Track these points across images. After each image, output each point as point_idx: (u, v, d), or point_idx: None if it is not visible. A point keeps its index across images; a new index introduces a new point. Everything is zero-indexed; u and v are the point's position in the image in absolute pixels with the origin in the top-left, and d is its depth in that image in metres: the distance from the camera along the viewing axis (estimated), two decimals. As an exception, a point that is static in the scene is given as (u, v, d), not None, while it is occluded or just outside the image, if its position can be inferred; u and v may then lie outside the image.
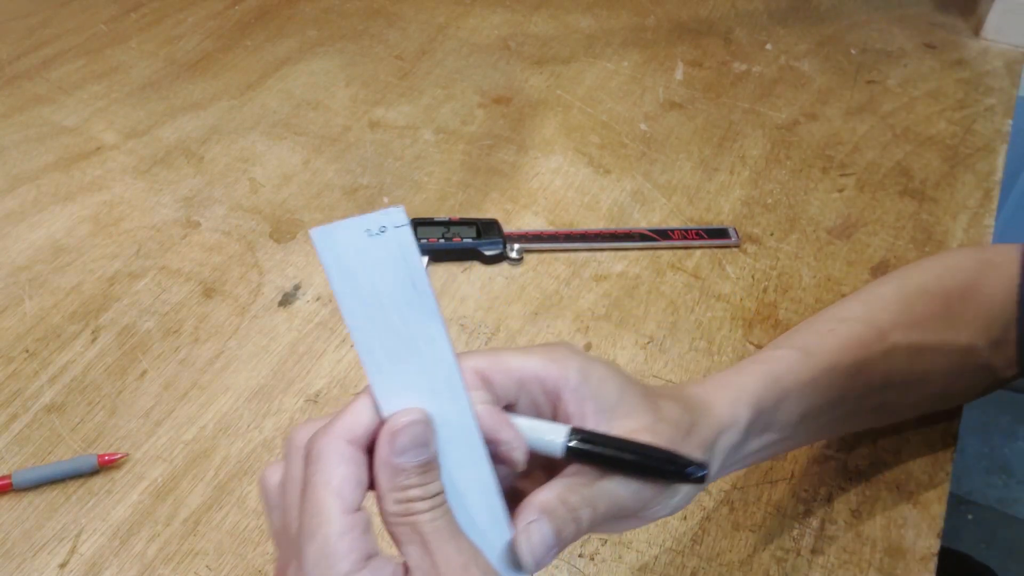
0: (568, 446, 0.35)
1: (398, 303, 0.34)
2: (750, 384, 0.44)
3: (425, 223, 0.69)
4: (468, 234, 0.68)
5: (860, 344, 0.49)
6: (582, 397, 0.38)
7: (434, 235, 0.68)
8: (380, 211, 0.33)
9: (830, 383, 0.47)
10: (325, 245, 0.33)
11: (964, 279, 0.53)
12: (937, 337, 0.51)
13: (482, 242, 0.67)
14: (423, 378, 0.34)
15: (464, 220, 0.69)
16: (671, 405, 0.39)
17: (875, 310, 0.51)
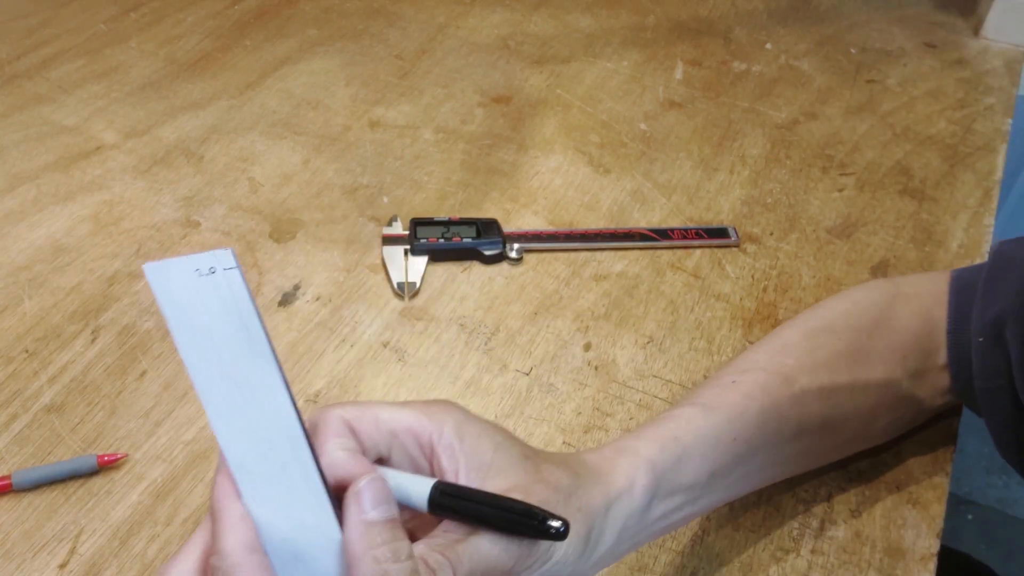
0: (431, 500, 0.35)
1: (232, 348, 0.33)
2: (646, 447, 0.42)
3: (425, 223, 0.69)
4: (468, 234, 0.68)
5: (765, 392, 0.47)
6: (456, 454, 0.37)
7: (434, 235, 0.68)
8: (210, 252, 0.33)
9: (735, 436, 0.45)
10: (159, 282, 0.32)
11: (874, 314, 0.52)
12: (849, 376, 0.49)
13: (482, 242, 0.67)
14: (260, 425, 0.33)
15: (464, 220, 0.69)
16: (553, 469, 0.38)
17: (779, 356, 0.49)
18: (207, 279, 0.33)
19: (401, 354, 0.61)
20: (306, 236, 0.70)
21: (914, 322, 0.52)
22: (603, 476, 0.40)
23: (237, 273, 0.33)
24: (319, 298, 0.65)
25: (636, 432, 0.44)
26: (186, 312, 0.33)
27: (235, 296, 0.33)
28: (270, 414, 0.34)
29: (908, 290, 0.53)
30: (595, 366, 0.60)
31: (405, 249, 0.67)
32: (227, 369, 0.33)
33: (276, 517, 0.34)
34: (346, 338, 0.62)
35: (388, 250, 0.67)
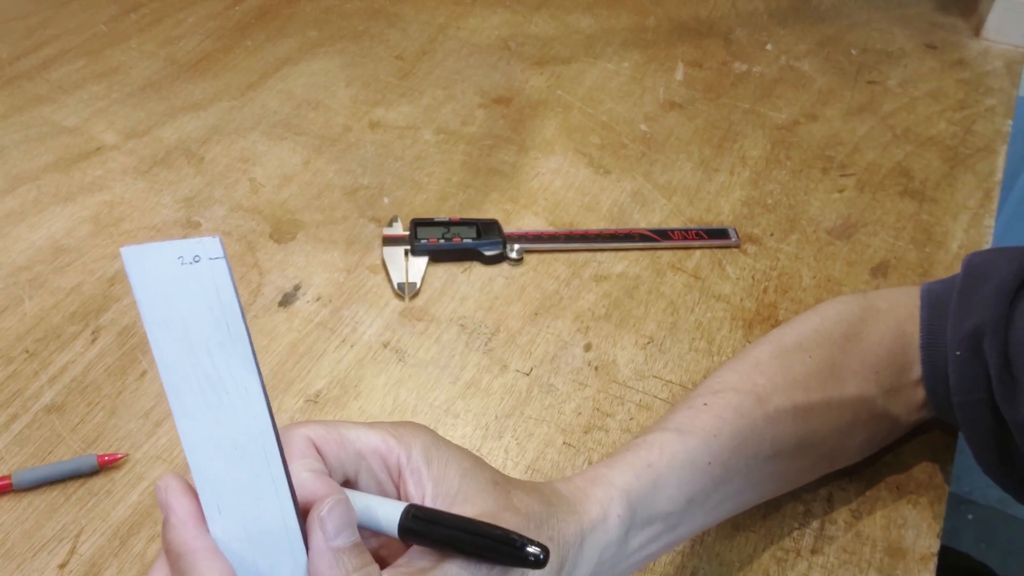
0: (401, 525, 0.33)
1: (210, 343, 0.31)
2: (619, 476, 0.41)
3: (425, 223, 0.69)
4: (468, 234, 0.68)
5: (738, 414, 0.46)
6: (423, 478, 0.36)
7: (434, 235, 0.68)
8: (196, 239, 0.30)
9: (711, 460, 0.44)
10: (136, 268, 0.30)
11: (845, 330, 0.51)
12: (822, 395, 0.48)
13: (482, 242, 0.67)
14: (232, 429, 0.31)
15: (464, 220, 0.69)
16: (524, 496, 0.37)
17: (751, 376, 0.48)
18: (190, 268, 0.30)
19: (401, 354, 0.61)
20: (306, 237, 0.70)
21: (887, 337, 0.51)
22: (577, 506, 0.39)
23: (223, 264, 0.30)
24: (319, 298, 0.65)
25: (608, 460, 0.43)
26: (162, 302, 0.30)
27: (218, 289, 0.30)
28: (244, 419, 0.31)
29: (880, 304, 0.53)
30: (595, 366, 0.60)
31: (405, 250, 0.67)
32: (202, 367, 0.31)
33: (239, 532, 0.32)
34: (346, 338, 0.62)
35: (388, 251, 0.67)
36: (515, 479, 0.39)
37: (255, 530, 0.32)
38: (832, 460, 0.52)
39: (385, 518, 0.34)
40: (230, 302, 0.30)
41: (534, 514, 0.37)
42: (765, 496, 0.50)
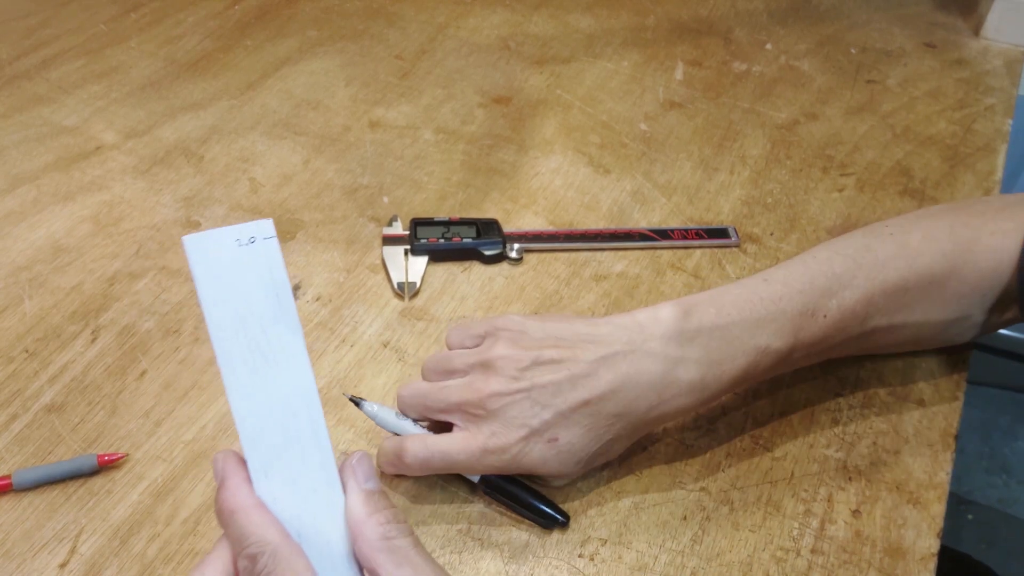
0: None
1: (263, 315, 0.35)
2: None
3: (425, 223, 0.69)
4: (468, 234, 0.68)
5: (840, 328, 0.52)
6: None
7: (434, 235, 0.68)
8: (251, 222, 0.35)
9: (794, 363, 0.53)
10: (196, 253, 0.34)
11: (962, 255, 0.54)
12: (920, 317, 0.54)
13: (482, 242, 0.67)
14: (281, 393, 0.35)
15: (464, 220, 0.69)
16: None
17: (872, 293, 0.53)
18: (246, 248, 0.35)
19: (401, 354, 0.61)
20: (306, 236, 0.70)
21: (999, 266, 0.54)
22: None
23: (275, 242, 0.35)
24: (319, 298, 0.65)
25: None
26: (220, 282, 0.34)
27: (271, 265, 0.35)
28: (291, 383, 0.35)
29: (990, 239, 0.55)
30: (595, 366, 0.60)
31: (405, 249, 0.67)
32: (254, 339, 0.35)
33: (285, 492, 0.36)
34: (346, 338, 0.62)
35: (388, 250, 0.67)
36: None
37: (299, 485, 0.36)
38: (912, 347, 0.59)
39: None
40: (281, 276, 0.35)
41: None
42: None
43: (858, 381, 0.59)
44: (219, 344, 0.35)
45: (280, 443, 0.36)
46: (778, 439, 0.56)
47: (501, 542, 0.50)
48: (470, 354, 0.51)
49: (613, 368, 0.48)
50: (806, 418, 0.57)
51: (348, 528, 0.36)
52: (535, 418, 0.48)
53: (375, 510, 0.36)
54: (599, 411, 0.48)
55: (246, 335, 0.35)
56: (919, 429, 0.56)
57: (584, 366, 0.48)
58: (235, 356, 0.35)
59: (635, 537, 0.51)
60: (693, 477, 0.54)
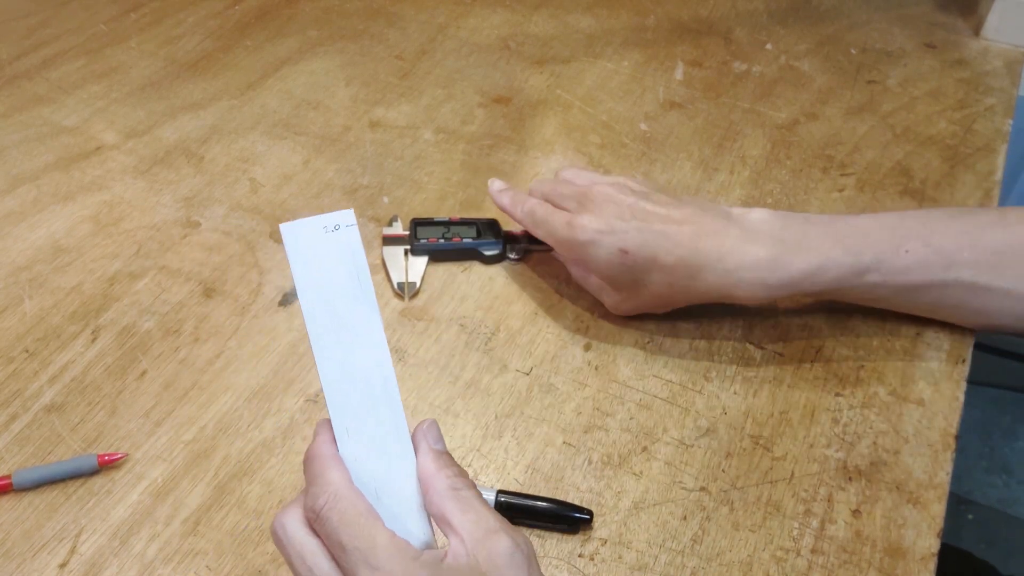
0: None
1: (345, 293, 0.40)
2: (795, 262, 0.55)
3: (425, 223, 0.69)
4: (468, 234, 0.68)
5: (922, 268, 0.55)
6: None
7: (434, 235, 0.68)
8: (336, 212, 0.40)
9: (875, 288, 0.56)
10: (291, 238, 0.40)
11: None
12: (1009, 284, 0.55)
13: (482, 242, 0.67)
14: (360, 359, 0.41)
15: (464, 220, 0.69)
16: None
17: (961, 245, 0.55)
18: (332, 235, 0.40)
19: (401, 354, 0.61)
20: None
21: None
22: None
23: (355, 230, 0.40)
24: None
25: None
26: (311, 265, 0.40)
27: (352, 250, 0.40)
28: (370, 356, 0.41)
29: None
30: (595, 366, 0.60)
31: (405, 249, 0.67)
32: (339, 315, 0.40)
33: (365, 451, 0.40)
34: (346, 338, 0.62)
35: (388, 250, 0.67)
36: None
37: (376, 445, 0.41)
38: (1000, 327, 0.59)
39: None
40: (361, 259, 0.40)
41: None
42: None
43: (858, 381, 0.59)
44: (310, 318, 0.40)
45: (360, 408, 0.40)
46: (778, 439, 0.56)
47: (501, 542, 0.50)
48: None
49: (700, 227, 0.56)
50: (806, 418, 0.57)
51: (420, 482, 0.40)
52: (620, 221, 0.56)
53: (443, 466, 0.40)
54: (672, 254, 0.56)
55: (332, 312, 0.40)
56: (919, 429, 0.56)
57: (678, 215, 0.56)
58: (323, 329, 0.40)
59: (635, 537, 0.51)
60: (693, 477, 0.54)
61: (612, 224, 0.56)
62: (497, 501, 0.51)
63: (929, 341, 0.61)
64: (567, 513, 0.51)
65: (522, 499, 0.51)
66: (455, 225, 0.69)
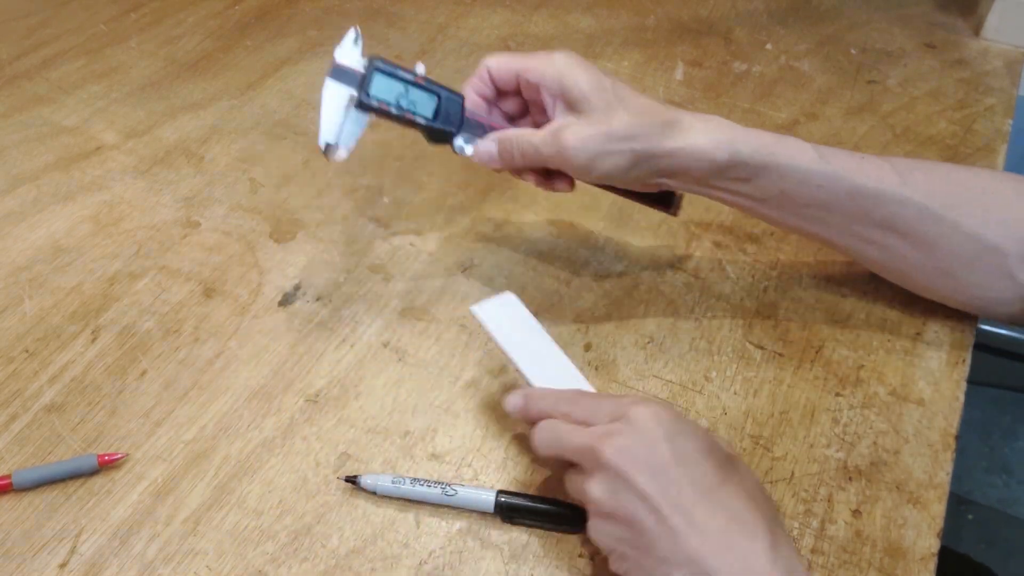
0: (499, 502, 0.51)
1: (526, 336, 0.55)
2: (745, 142, 0.53)
3: (386, 72, 0.56)
4: (425, 109, 0.57)
5: (876, 177, 0.54)
6: (554, 94, 0.56)
7: (388, 95, 0.56)
8: (503, 294, 0.56)
9: (823, 185, 0.54)
10: (484, 314, 0.55)
11: (1014, 184, 0.55)
12: (956, 215, 0.54)
13: (435, 125, 0.58)
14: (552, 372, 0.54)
15: (429, 85, 0.57)
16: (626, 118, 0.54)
17: (916, 167, 0.55)
18: (507, 307, 0.56)
19: (401, 354, 0.61)
20: (306, 236, 0.70)
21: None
22: (684, 133, 0.54)
23: (518, 300, 0.56)
24: (319, 298, 0.65)
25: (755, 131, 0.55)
26: (502, 323, 0.55)
27: (523, 314, 0.56)
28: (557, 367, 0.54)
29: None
30: (595, 366, 0.60)
31: (351, 95, 0.56)
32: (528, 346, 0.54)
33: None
34: (346, 338, 0.62)
35: (331, 88, 0.55)
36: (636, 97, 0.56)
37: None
38: (943, 277, 0.57)
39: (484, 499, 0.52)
40: (528, 317, 0.56)
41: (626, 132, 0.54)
42: (859, 254, 0.59)
43: (858, 381, 0.59)
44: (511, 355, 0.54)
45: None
46: (778, 439, 0.56)
47: (501, 542, 0.50)
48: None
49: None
50: (806, 418, 0.57)
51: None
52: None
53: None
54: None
55: (524, 346, 0.54)
56: (919, 429, 0.56)
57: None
58: (526, 360, 0.54)
59: (635, 537, 0.51)
60: (693, 477, 0.54)
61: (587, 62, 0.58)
62: (497, 501, 0.51)
63: (929, 341, 0.61)
64: (567, 513, 0.51)
65: (522, 499, 0.51)
66: (417, 89, 0.57)
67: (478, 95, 0.59)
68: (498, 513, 0.51)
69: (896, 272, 0.60)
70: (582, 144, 0.54)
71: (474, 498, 0.51)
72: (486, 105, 0.60)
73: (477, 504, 0.51)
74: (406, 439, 0.56)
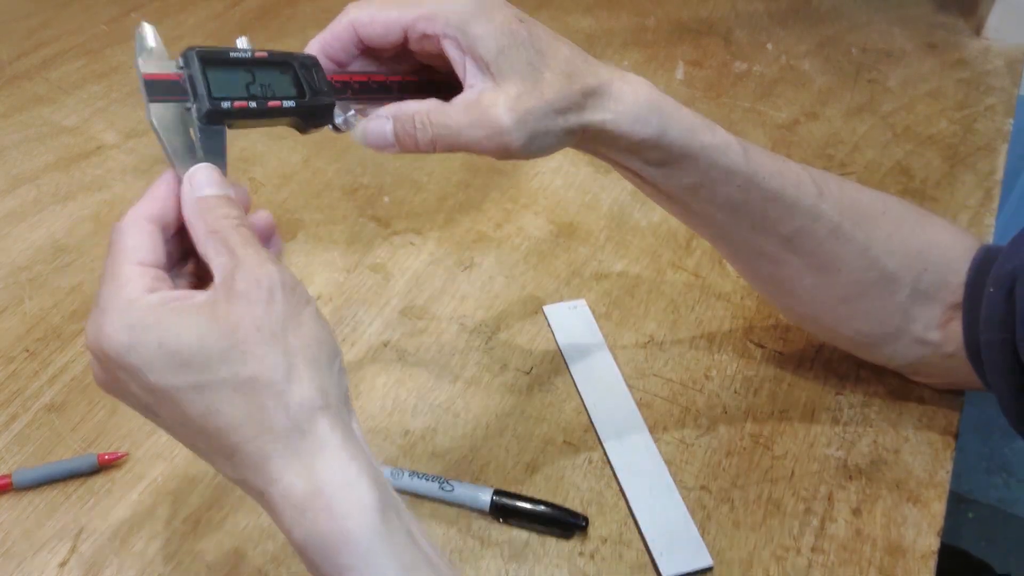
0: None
1: (586, 339, 0.61)
2: (675, 123, 0.46)
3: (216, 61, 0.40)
4: (284, 89, 0.43)
5: (795, 184, 0.49)
6: (463, 47, 0.43)
7: (235, 87, 0.41)
8: (574, 300, 0.64)
9: (741, 186, 0.47)
10: (553, 315, 0.62)
11: (920, 217, 0.53)
12: (865, 237, 0.50)
13: (305, 106, 0.44)
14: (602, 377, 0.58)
15: (271, 59, 0.43)
16: (555, 82, 0.43)
17: (829, 180, 0.51)
18: (573, 311, 0.63)
19: (401, 354, 0.61)
20: (306, 236, 0.70)
21: (952, 250, 0.52)
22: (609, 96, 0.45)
23: (586, 306, 0.63)
24: (319, 298, 0.65)
25: (689, 112, 0.48)
26: (566, 328, 0.62)
27: (586, 320, 0.62)
28: (608, 375, 0.59)
29: (949, 227, 0.55)
30: (595, 365, 0.60)
31: (187, 108, 0.39)
32: (584, 351, 0.60)
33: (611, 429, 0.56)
34: (346, 338, 0.62)
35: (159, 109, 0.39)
36: (553, 45, 0.44)
37: (633, 454, 0.55)
38: (834, 303, 0.53)
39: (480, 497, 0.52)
40: (591, 323, 0.62)
41: (560, 103, 0.43)
42: (753, 262, 0.54)
43: (858, 380, 0.59)
44: (568, 358, 0.60)
45: (612, 416, 0.57)
46: (778, 438, 0.56)
47: (501, 541, 0.50)
48: None
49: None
50: (806, 417, 0.57)
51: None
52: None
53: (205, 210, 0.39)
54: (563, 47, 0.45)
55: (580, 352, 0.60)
56: (919, 427, 0.56)
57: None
58: (577, 361, 0.60)
59: (635, 537, 0.51)
60: (693, 476, 0.54)
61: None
62: (493, 501, 0.51)
63: (929, 340, 0.61)
64: (562, 517, 0.51)
65: (518, 501, 0.51)
66: (263, 68, 0.43)
67: (330, 59, 0.47)
68: (492, 512, 0.51)
69: (783, 293, 0.55)
70: (521, 122, 0.43)
71: (470, 495, 0.51)
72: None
73: (473, 501, 0.51)
74: (406, 438, 0.56)
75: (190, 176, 0.38)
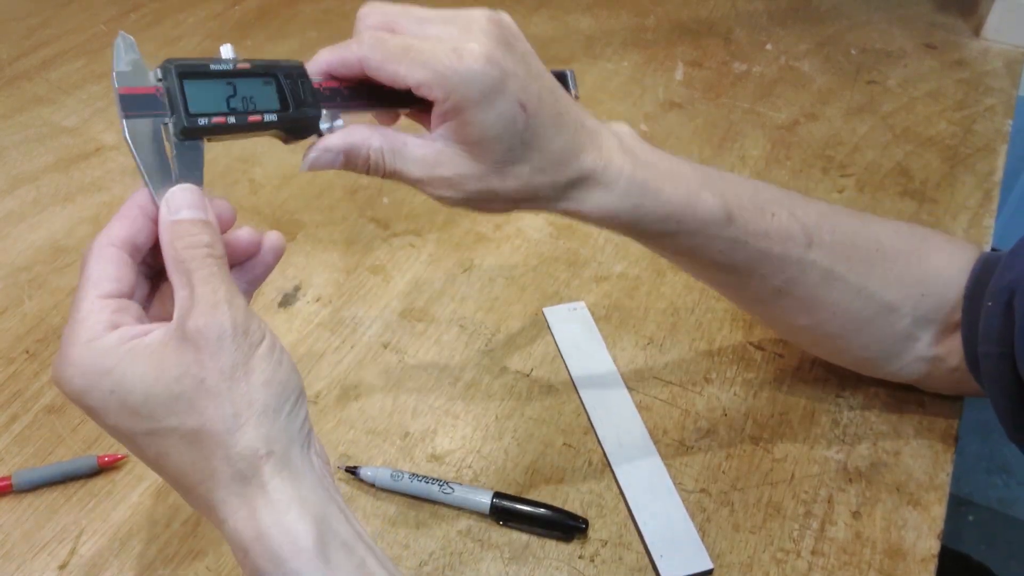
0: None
1: (586, 341, 0.61)
2: (654, 207, 0.46)
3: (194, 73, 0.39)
4: (268, 102, 0.42)
5: (782, 241, 0.49)
6: (446, 110, 0.42)
7: (214, 101, 0.40)
8: (573, 302, 0.64)
9: (724, 250, 0.48)
10: (553, 317, 0.63)
11: (916, 243, 0.53)
12: (859, 277, 0.51)
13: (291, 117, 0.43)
14: (602, 379, 0.59)
15: (254, 69, 0.42)
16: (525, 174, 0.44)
17: (823, 224, 0.50)
18: (573, 313, 0.64)
19: (401, 355, 0.61)
20: (306, 237, 0.70)
21: (947, 271, 0.52)
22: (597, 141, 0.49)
23: (585, 308, 0.64)
24: (319, 299, 0.65)
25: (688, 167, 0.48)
26: (565, 330, 0.62)
27: (585, 321, 0.63)
28: (605, 374, 0.59)
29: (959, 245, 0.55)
30: (595, 367, 0.60)
31: (164, 123, 0.38)
32: (584, 351, 0.60)
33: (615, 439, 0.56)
34: (346, 339, 0.62)
35: (135, 125, 0.37)
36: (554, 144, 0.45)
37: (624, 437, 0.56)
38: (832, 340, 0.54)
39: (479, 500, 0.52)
40: (591, 323, 0.62)
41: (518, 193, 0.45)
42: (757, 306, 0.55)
43: (858, 381, 0.59)
44: (567, 357, 0.61)
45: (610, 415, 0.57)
46: (778, 440, 0.56)
47: (501, 543, 0.50)
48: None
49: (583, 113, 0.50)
50: (806, 419, 0.57)
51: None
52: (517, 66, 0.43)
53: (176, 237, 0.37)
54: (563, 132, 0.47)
55: (580, 351, 0.61)
56: (919, 430, 0.56)
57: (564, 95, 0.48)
58: (576, 360, 0.60)
59: (635, 539, 0.51)
60: (693, 478, 0.54)
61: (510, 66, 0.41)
62: (493, 504, 0.51)
63: (929, 342, 0.61)
64: (563, 521, 0.51)
65: (518, 503, 0.51)
66: (244, 80, 0.41)
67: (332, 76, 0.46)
68: (492, 515, 0.51)
69: (782, 329, 0.59)
70: (466, 200, 0.44)
71: (471, 498, 0.51)
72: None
73: (473, 504, 0.51)
74: (406, 440, 0.56)
75: (167, 199, 0.37)
